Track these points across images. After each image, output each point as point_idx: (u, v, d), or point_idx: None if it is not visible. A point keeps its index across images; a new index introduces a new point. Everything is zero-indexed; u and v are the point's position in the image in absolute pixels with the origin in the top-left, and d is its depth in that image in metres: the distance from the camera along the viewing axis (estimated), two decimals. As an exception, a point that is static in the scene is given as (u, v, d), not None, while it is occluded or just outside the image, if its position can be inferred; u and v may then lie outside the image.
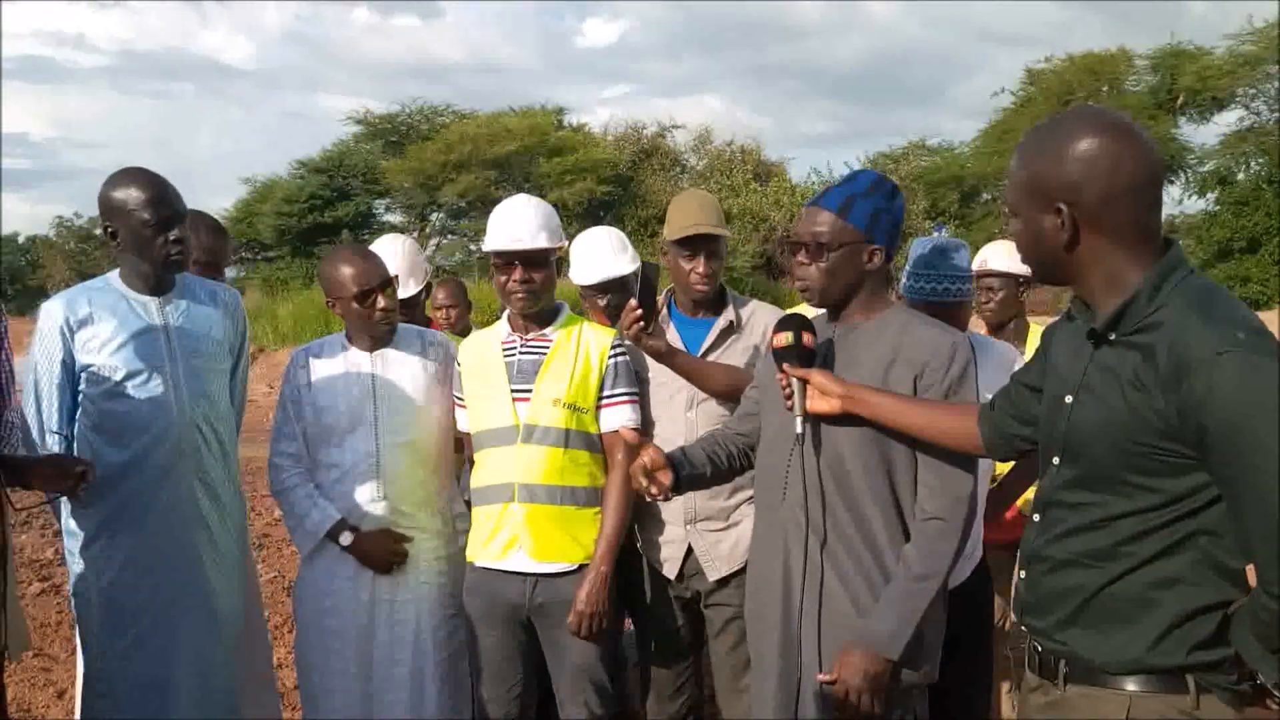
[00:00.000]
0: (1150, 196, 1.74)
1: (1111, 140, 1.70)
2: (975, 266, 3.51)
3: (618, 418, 2.89)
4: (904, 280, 3.00)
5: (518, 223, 2.89)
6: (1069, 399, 1.78)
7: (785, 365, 2.28)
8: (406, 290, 3.71)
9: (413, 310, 3.79)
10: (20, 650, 2.58)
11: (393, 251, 3.80)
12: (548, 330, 2.94)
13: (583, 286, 3.44)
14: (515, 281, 2.86)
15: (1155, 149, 1.76)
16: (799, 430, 2.23)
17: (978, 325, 3.72)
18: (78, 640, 3.09)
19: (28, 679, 4.68)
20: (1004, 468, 3.09)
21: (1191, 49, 24.78)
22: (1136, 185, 1.71)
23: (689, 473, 2.47)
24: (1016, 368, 2.92)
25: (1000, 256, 3.51)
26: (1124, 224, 1.72)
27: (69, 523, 2.89)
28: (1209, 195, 24.16)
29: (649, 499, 2.49)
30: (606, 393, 2.89)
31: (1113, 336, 1.72)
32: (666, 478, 2.41)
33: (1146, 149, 1.72)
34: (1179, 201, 24.65)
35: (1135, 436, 1.65)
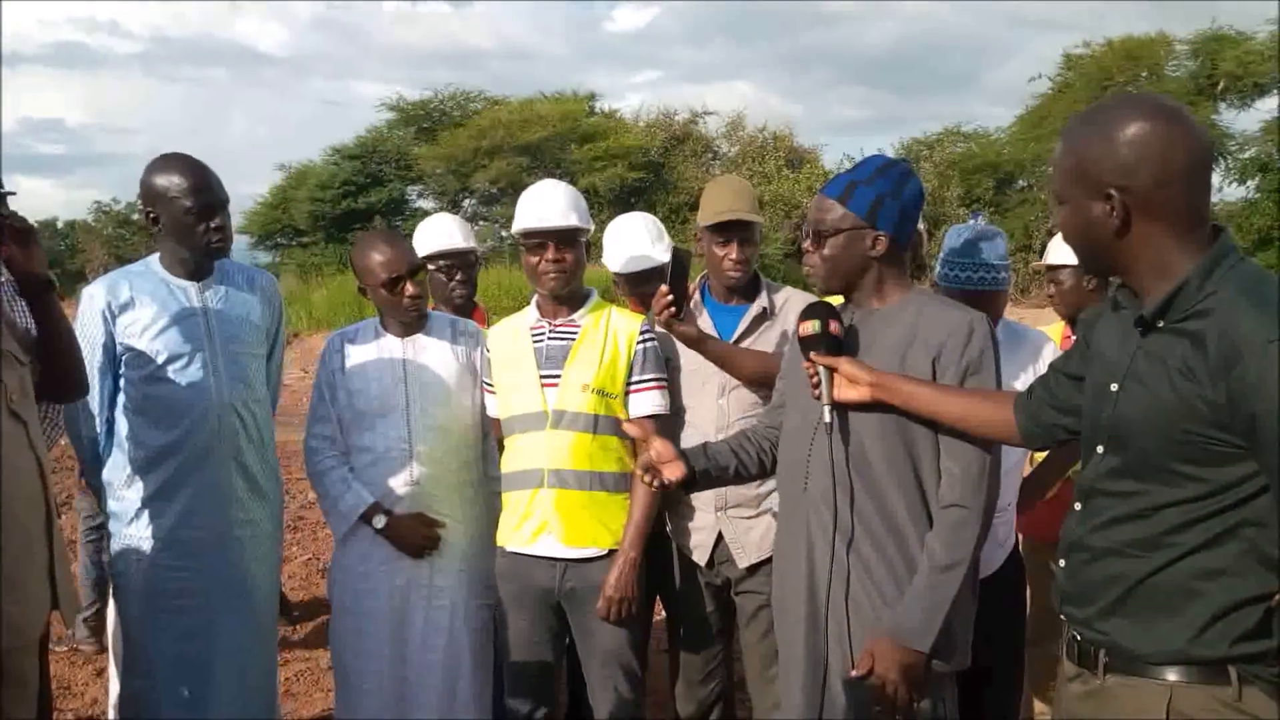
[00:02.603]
0: (1201, 181, 1.71)
1: (1163, 124, 1.68)
2: (1044, 261, 3.49)
3: (646, 403, 2.88)
4: (938, 269, 2.97)
5: (547, 203, 2.90)
6: (1114, 387, 1.75)
7: (812, 354, 2.26)
8: (456, 242, 3.68)
9: (469, 270, 3.73)
10: (73, 616, 2.61)
11: (447, 220, 3.83)
12: (576, 315, 2.94)
13: (616, 274, 3.44)
14: (548, 261, 2.86)
15: (1205, 133, 1.73)
16: (827, 419, 2.21)
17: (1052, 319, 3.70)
18: (109, 620, 3.14)
19: (67, 657, 4.76)
20: (1041, 455, 3.07)
21: (1232, 34, 24.28)
22: (1188, 169, 1.68)
23: (705, 467, 2.44)
24: (1053, 355, 2.91)
25: (1062, 249, 3.48)
26: (1175, 209, 1.69)
27: (110, 504, 2.93)
28: (1249, 182, 23.72)
29: (653, 488, 2.45)
30: (635, 378, 2.89)
31: (1161, 324, 1.69)
32: (676, 471, 2.39)
33: (1197, 133, 1.70)
34: (1219, 188, 24.13)
35: (1183, 425, 1.63)
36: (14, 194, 2.44)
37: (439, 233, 3.70)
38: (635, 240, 3.40)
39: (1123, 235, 1.72)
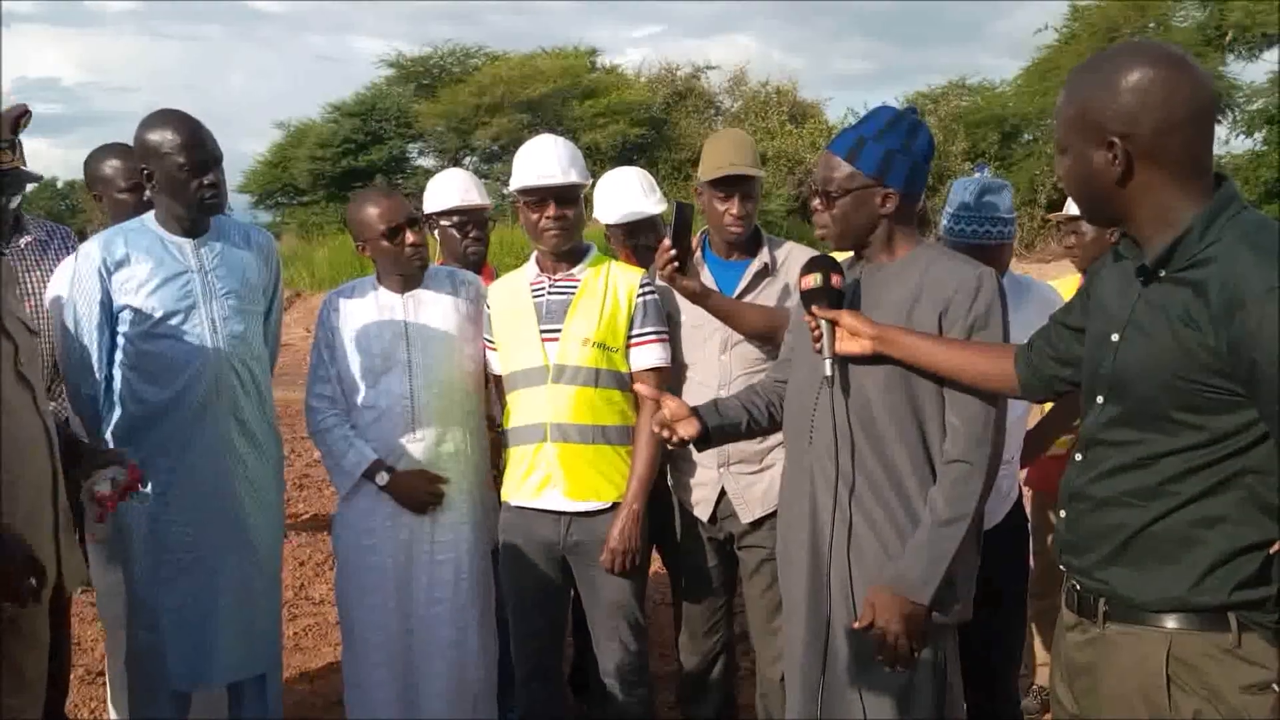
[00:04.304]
0: (1204, 129, 1.69)
1: (1166, 71, 1.66)
2: (1064, 213, 3.45)
3: (647, 356, 2.88)
4: (944, 222, 2.95)
5: (548, 160, 2.88)
6: (1115, 337, 1.75)
7: (814, 307, 2.25)
8: (471, 198, 3.60)
9: (483, 227, 3.66)
10: (77, 584, 2.63)
11: (461, 176, 3.75)
12: (576, 270, 2.93)
13: (608, 225, 3.44)
14: (549, 219, 2.85)
15: (1209, 80, 1.71)
16: (828, 373, 2.21)
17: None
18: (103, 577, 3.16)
19: (77, 614, 4.79)
20: (1047, 407, 3.07)
21: (1241, -16, 23.97)
22: (1191, 117, 1.66)
23: (718, 424, 2.45)
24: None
25: None
26: (1178, 157, 1.67)
27: (111, 461, 2.93)
28: (1257, 135, 23.53)
29: (670, 446, 2.48)
30: (635, 331, 2.89)
31: (1163, 273, 1.68)
32: (691, 428, 2.41)
33: (1200, 80, 1.68)
34: (1226, 141, 23.93)
35: (1184, 373, 1.62)
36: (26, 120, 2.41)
37: (453, 188, 3.61)
38: (627, 192, 3.40)
39: (1125, 183, 1.70)
